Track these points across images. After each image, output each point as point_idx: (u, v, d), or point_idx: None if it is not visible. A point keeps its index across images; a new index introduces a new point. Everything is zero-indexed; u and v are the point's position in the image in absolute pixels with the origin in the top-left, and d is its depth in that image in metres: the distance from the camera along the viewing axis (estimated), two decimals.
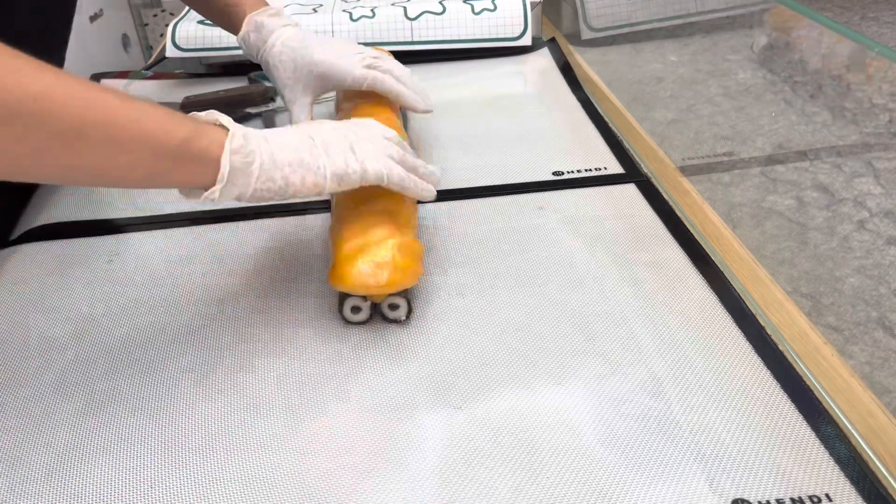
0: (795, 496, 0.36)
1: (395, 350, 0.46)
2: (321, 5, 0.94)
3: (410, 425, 0.41)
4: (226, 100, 0.78)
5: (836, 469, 0.37)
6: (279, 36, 0.63)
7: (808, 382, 0.43)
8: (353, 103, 0.63)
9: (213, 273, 0.54)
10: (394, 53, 0.68)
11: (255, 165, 0.42)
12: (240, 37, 0.65)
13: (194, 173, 0.41)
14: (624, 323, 0.47)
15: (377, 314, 0.48)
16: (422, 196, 0.51)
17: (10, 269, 0.55)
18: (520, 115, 0.76)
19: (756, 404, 0.41)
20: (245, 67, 0.87)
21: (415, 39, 0.88)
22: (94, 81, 0.37)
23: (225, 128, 0.42)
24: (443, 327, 0.48)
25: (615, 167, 0.65)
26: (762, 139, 1.36)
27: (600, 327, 0.47)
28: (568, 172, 0.64)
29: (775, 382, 0.43)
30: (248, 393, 0.44)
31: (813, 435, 0.39)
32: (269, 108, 0.78)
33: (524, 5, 0.89)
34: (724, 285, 0.50)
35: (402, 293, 0.47)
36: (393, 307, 0.48)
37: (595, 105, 0.77)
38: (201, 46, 0.87)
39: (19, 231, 0.61)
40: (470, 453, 0.39)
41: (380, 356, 0.46)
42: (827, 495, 0.36)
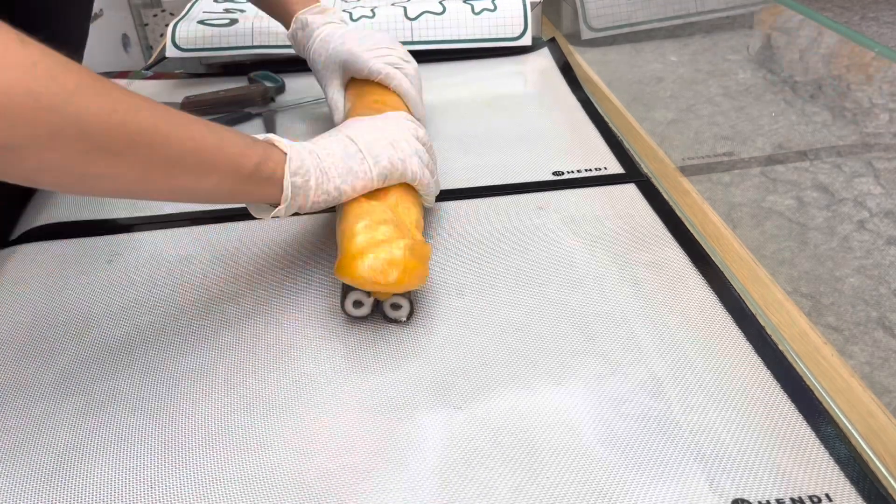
0: (795, 496, 0.36)
1: (395, 350, 0.46)
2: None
3: (410, 425, 0.41)
4: (226, 100, 0.78)
5: (836, 469, 0.37)
6: (320, 33, 0.67)
7: (808, 382, 0.43)
8: (361, 88, 0.64)
9: (213, 273, 0.54)
10: None
11: (312, 182, 0.47)
12: (289, 34, 0.69)
13: (266, 191, 0.45)
14: (624, 323, 0.47)
15: (377, 312, 0.48)
16: (430, 200, 0.56)
17: (10, 269, 0.55)
18: (520, 115, 0.76)
19: (756, 404, 0.41)
20: (245, 67, 0.87)
21: (415, 39, 0.88)
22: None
23: (281, 150, 0.46)
24: (443, 327, 0.48)
25: (615, 167, 0.65)
26: (762, 139, 1.36)
27: (600, 327, 0.47)
28: (568, 172, 0.64)
29: (775, 382, 0.43)
30: (248, 393, 0.44)
31: (813, 435, 0.39)
32: (269, 109, 0.78)
33: (524, 5, 0.89)
34: (724, 285, 0.50)
35: (406, 294, 0.47)
36: (395, 307, 0.48)
37: (595, 105, 0.77)
38: (201, 46, 0.87)
39: (19, 231, 0.61)
40: (470, 453, 0.39)
41: (380, 356, 0.46)
42: (827, 495, 0.36)
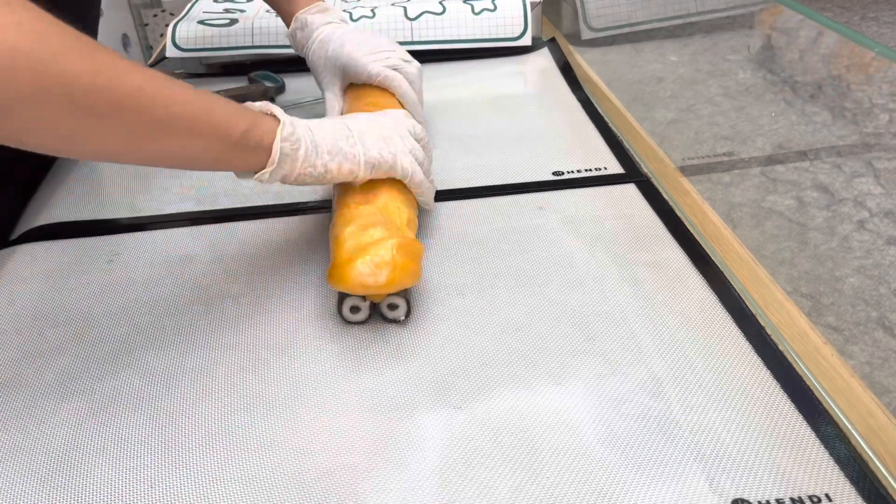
0: (795, 496, 0.36)
1: (395, 350, 0.46)
2: None
3: (410, 425, 0.41)
4: None
5: (836, 469, 0.37)
6: (320, 33, 0.66)
7: (808, 382, 0.43)
8: (358, 91, 0.63)
9: (213, 273, 0.54)
10: None
11: (301, 151, 0.47)
12: (288, 33, 0.68)
13: (252, 159, 0.45)
14: (624, 323, 0.47)
15: (376, 314, 0.48)
16: (427, 203, 0.55)
17: (10, 269, 0.55)
18: (520, 115, 0.76)
19: (756, 404, 0.41)
20: (245, 67, 0.87)
21: (415, 39, 0.88)
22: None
23: (276, 118, 0.47)
24: (443, 327, 0.48)
25: (615, 167, 0.65)
26: (762, 139, 1.36)
27: (600, 327, 0.47)
28: (568, 172, 0.64)
29: (775, 382, 0.43)
30: (248, 393, 0.44)
31: (813, 435, 0.39)
32: None
33: (524, 5, 0.89)
34: (724, 285, 0.50)
35: (402, 293, 0.47)
36: (392, 307, 0.48)
37: (595, 105, 0.77)
38: (201, 46, 0.87)
39: (19, 231, 0.61)
40: (470, 453, 0.39)
41: (380, 356, 0.46)
42: (827, 495, 0.36)
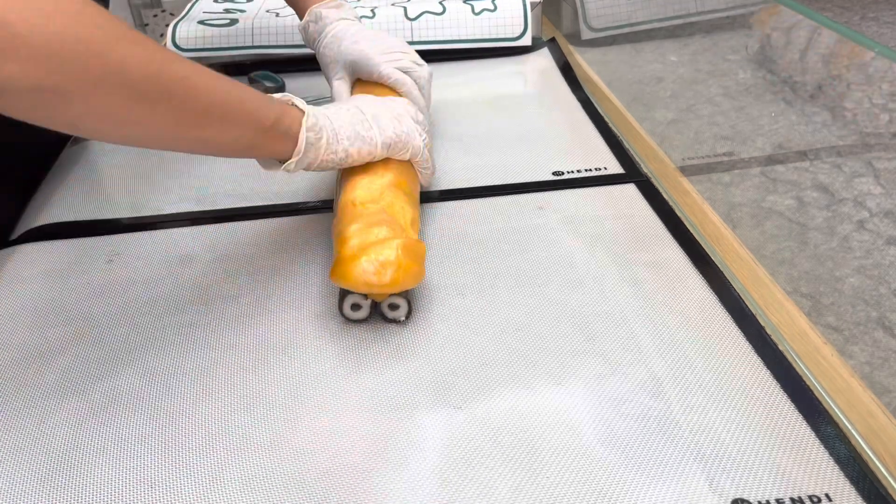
0: (795, 496, 0.36)
1: (395, 350, 0.46)
2: None
3: (410, 425, 0.41)
4: None
5: (836, 469, 0.37)
6: (333, 28, 0.66)
7: (808, 382, 0.43)
8: (365, 86, 0.63)
9: (213, 273, 0.54)
10: None
11: (323, 140, 0.49)
12: (301, 26, 0.69)
13: (280, 147, 0.48)
14: (624, 323, 0.47)
15: (376, 313, 0.48)
16: (428, 181, 0.59)
17: (10, 269, 0.55)
18: (520, 115, 0.76)
19: (756, 404, 0.41)
20: (245, 67, 0.87)
21: (415, 39, 0.88)
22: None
23: (299, 108, 0.48)
24: (443, 327, 0.48)
25: (615, 167, 0.65)
26: (762, 139, 1.36)
27: (600, 327, 0.47)
28: (568, 172, 0.64)
29: (775, 382, 0.43)
30: (248, 393, 0.44)
31: (813, 435, 0.39)
32: None
33: (524, 5, 0.89)
34: (724, 285, 0.50)
35: (403, 294, 0.47)
36: (393, 307, 0.48)
37: (595, 105, 0.77)
38: (201, 46, 0.87)
39: (19, 231, 0.61)
40: (470, 453, 0.39)
41: (380, 356, 0.46)
42: (827, 495, 0.36)
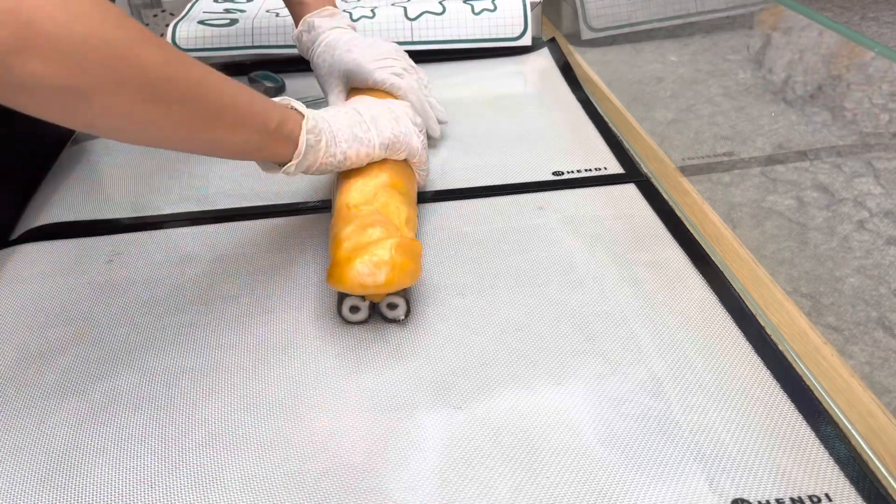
0: (795, 496, 0.36)
1: (395, 350, 0.46)
2: None
3: (410, 425, 0.41)
4: None
5: (836, 469, 0.37)
6: (326, 37, 0.66)
7: (808, 382, 0.43)
8: (361, 94, 0.63)
9: (213, 273, 0.54)
10: None
11: (322, 143, 0.50)
12: (294, 36, 0.69)
13: (282, 150, 0.48)
14: (624, 323, 0.47)
15: (376, 314, 0.48)
16: (425, 181, 0.59)
17: (10, 269, 0.55)
18: (520, 115, 0.76)
19: (756, 404, 0.41)
20: (245, 67, 0.87)
21: (415, 39, 0.88)
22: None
23: (298, 111, 0.49)
24: (443, 327, 0.48)
25: (615, 167, 0.65)
26: (762, 139, 1.36)
27: (600, 327, 0.47)
28: (568, 172, 0.64)
29: (775, 382, 0.43)
30: (248, 393, 0.44)
31: (813, 435, 0.39)
32: None
33: (524, 5, 0.89)
34: (724, 285, 0.50)
35: (401, 293, 0.47)
36: (391, 307, 0.48)
37: (595, 105, 0.77)
38: (201, 46, 0.87)
39: (19, 231, 0.61)
40: (470, 453, 0.39)
41: (380, 356, 0.46)
42: (827, 495, 0.36)
